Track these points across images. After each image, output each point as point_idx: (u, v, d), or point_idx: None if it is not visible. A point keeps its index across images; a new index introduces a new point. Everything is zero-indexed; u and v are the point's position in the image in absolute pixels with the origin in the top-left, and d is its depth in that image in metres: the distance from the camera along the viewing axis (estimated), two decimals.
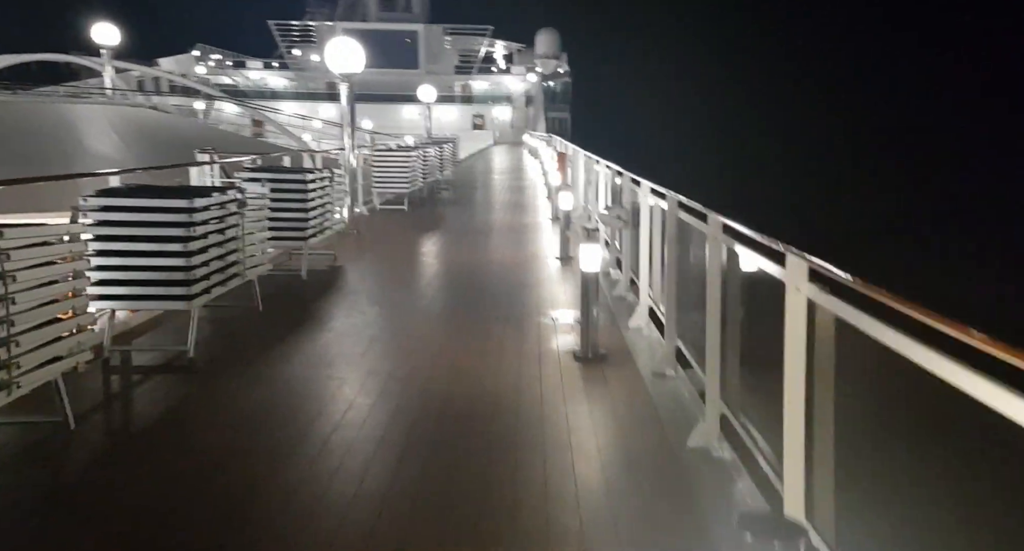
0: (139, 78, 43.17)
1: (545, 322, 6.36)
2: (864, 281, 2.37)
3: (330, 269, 8.41)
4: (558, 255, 9.52)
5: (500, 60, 67.15)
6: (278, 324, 6.09)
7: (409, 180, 14.30)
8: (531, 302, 7.10)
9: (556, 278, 8.30)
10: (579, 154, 14.55)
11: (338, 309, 6.65)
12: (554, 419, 4.25)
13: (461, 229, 12.38)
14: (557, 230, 10.70)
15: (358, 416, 4.20)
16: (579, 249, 5.53)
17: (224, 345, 5.63)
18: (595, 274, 5.48)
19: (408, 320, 6.33)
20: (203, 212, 5.01)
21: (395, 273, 8.54)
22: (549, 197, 15.52)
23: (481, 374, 4.97)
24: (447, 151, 19.72)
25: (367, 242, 10.64)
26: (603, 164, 9.94)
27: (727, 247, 3.87)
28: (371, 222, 12.78)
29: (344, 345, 5.56)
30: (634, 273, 7.43)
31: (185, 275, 4.87)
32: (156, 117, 18.33)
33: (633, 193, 7.28)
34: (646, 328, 6.20)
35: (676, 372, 5.08)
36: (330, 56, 10.79)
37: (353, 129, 11.26)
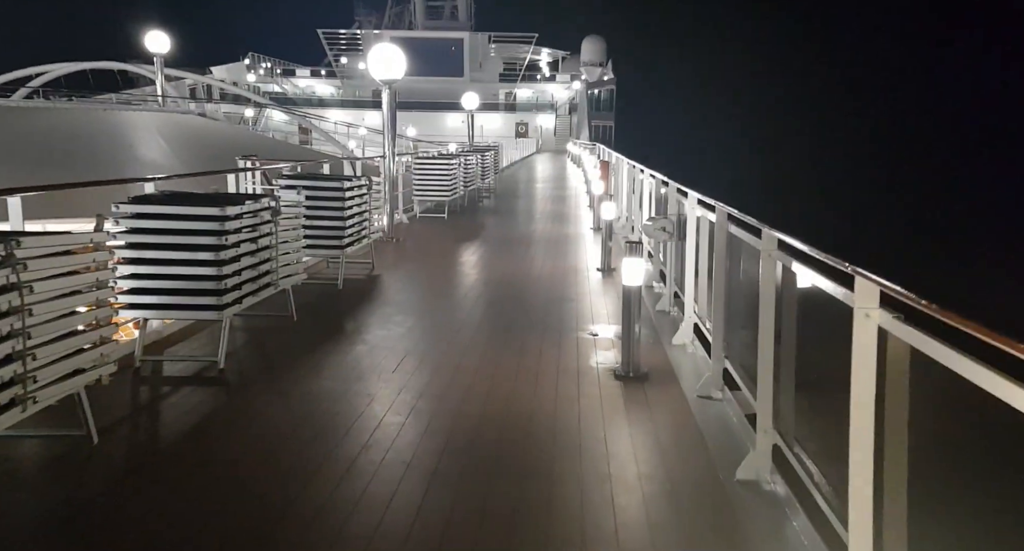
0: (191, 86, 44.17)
1: (585, 337, 6.12)
2: (940, 308, 2.10)
3: (367, 278, 8.29)
4: (599, 266, 9.27)
5: (544, 68, 67.13)
6: (311, 335, 5.96)
7: (450, 188, 14.18)
8: (571, 316, 6.87)
9: (597, 291, 8.05)
10: (622, 162, 14.27)
11: (372, 320, 6.50)
12: (592, 445, 4.01)
13: (501, 239, 12.20)
14: (599, 241, 10.46)
15: (386, 436, 4.02)
16: (621, 262, 5.29)
17: (255, 356, 5.51)
18: (638, 288, 5.24)
19: (443, 333, 6.15)
20: (235, 220, 4.90)
21: (432, 283, 8.38)
22: (591, 206, 15.26)
23: (517, 393, 4.75)
24: (489, 159, 19.60)
25: (406, 251, 10.52)
26: (647, 173, 9.67)
27: (782, 264, 3.59)
28: (411, 230, 12.68)
29: (377, 359, 5.39)
30: (679, 287, 7.15)
31: (216, 284, 4.76)
32: (204, 124, 18.59)
33: (679, 204, 7.00)
34: (691, 345, 5.92)
35: (723, 394, 4.80)
36: (372, 62, 10.73)
37: (394, 136, 11.17)
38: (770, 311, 3.71)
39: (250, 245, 5.14)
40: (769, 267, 3.70)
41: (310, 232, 7.35)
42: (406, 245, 10.94)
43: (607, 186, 15.01)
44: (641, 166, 10.57)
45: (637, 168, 11.20)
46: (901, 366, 2.43)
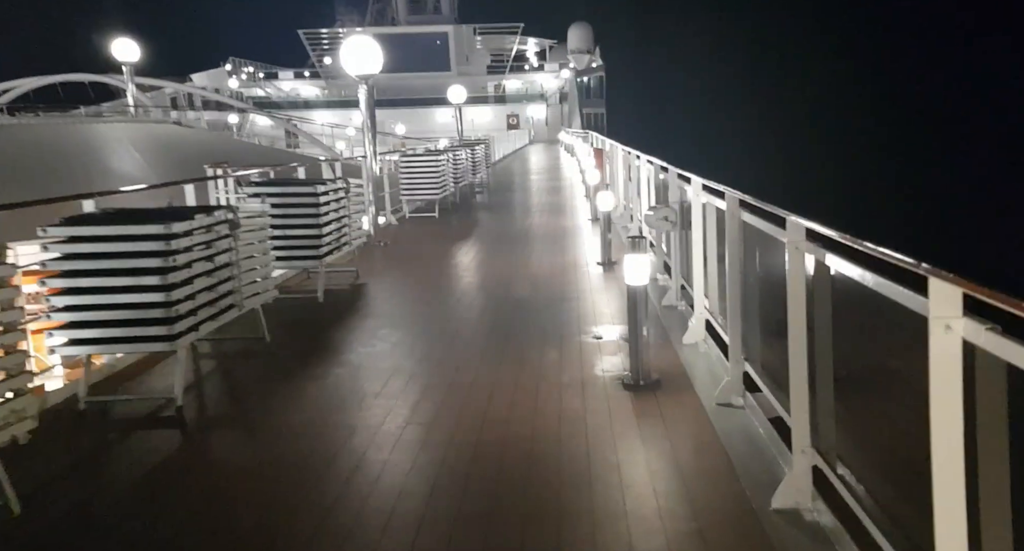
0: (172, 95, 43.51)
1: (588, 342, 5.57)
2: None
3: (351, 288, 7.73)
4: (599, 260, 8.71)
5: (532, 57, 66.37)
6: (285, 359, 5.40)
7: (439, 186, 13.60)
8: (572, 318, 6.31)
9: (599, 287, 7.49)
10: (617, 149, 13.69)
11: (356, 336, 5.94)
12: (604, 474, 3.47)
13: (495, 236, 11.64)
14: (597, 232, 9.90)
15: (366, 480, 3.47)
16: (623, 258, 4.73)
17: (220, 388, 4.95)
18: (643, 288, 4.68)
19: (433, 347, 5.59)
20: (184, 237, 4.34)
21: (422, 289, 7.82)
22: (587, 196, 14.69)
23: (516, 415, 4.20)
24: (480, 153, 19.00)
25: (394, 255, 9.96)
26: (644, 159, 9.10)
27: (815, 257, 3.03)
28: (399, 232, 12.11)
29: (359, 382, 4.84)
30: (685, 280, 6.59)
31: (165, 311, 4.20)
32: (180, 133, 18.01)
33: (681, 191, 6.44)
34: (703, 344, 5.37)
35: (744, 401, 4.26)
36: (346, 57, 10.14)
37: (375, 134, 10.59)
38: (800, 312, 3.15)
39: (205, 264, 4.58)
40: (797, 261, 3.14)
41: (283, 243, 6.80)
42: (394, 249, 10.38)
43: (602, 175, 14.44)
44: (637, 152, 10.00)
45: (633, 155, 10.63)
46: (995, 387, 1.88)
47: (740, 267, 4.29)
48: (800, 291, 3.17)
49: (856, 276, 2.71)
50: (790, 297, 3.21)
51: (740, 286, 4.29)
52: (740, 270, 4.29)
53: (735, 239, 4.24)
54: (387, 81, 61.94)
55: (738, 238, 4.23)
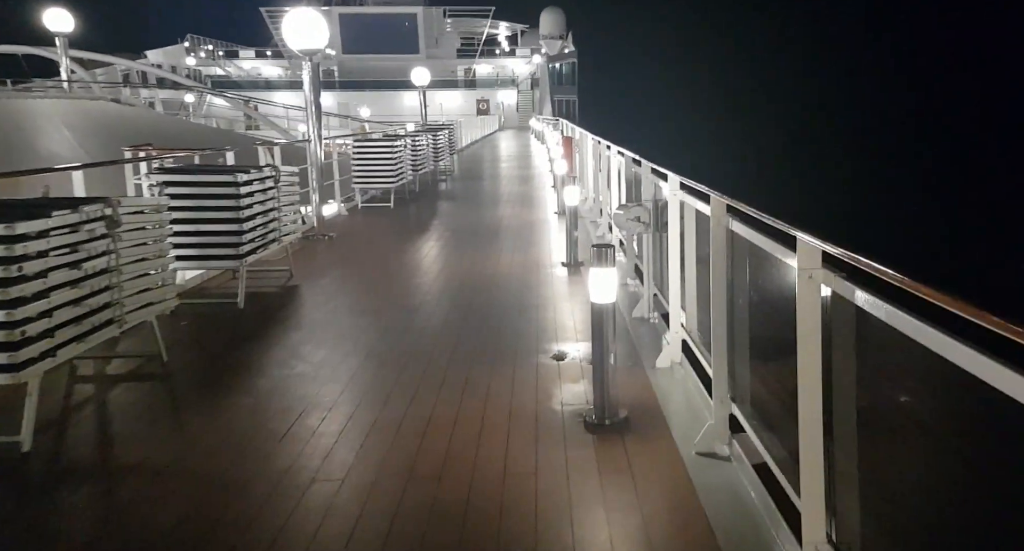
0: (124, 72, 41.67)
1: (547, 364, 4.76)
2: None
3: (281, 291, 6.82)
4: (565, 260, 7.90)
5: (503, 42, 65.20)
6: (180, 384, 4.51)
7: (394, 174, 12.66)
8: (531, 331, 5.49)
9: (562, 293, 6.67)
10: (587, 138, 12.88)
11: (273, 355, 5.05)
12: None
13: (453, 230, 10.75)
14: (563, 227, 9.09)
15: None
16: (589, 268, 3.92)
17: (87, 427, 4.00)
18: (610, 306, 3.87)
19: (363, 370, 4.73)
20: (35, 241, 3.42)
21: (361, 294, 6.92)
22: (554, 186, 13.85)
23: (451, 470, 3.37)
24: (443, 139, 18.04)
25: (338, 251, 9.03)
26: (615, 150, 8.29)
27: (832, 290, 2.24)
28: (349, 224, 11.17)
29: (264, 418, 3.97)
30: (659, 290, 5.81)
31: (6, 335, 3.29)
32: (118, 111, 16.76)
33: (656, 187, 5.64)
34: (680, 368, 4.59)
35: (731, 449, 3.48)
36: (288, 31, 9.15)
37: (319, 115, 9.63)
38: (814, 358, 2.36)
39: (69, 272, 3.67)
40: (811, 292, 2.34)
41: (197, 240, 5.88)
42: (340, 243, 9.45)
43: (571, 165, 13.61)
44: (607, 142, 9.19)
45: (603, 145, 9.82)
46: None
47: (726, 285, 3.49)
48: (813, 331, 2.38)
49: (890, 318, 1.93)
50: (801, 338, 2.42)
51: (726, 308, 3.50)
52: (726, 289, 3.50)
53: (721, 252, 3.44)
54: (354, 62, 60.55)
55: (724, 251, 3.43)
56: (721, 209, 3.38)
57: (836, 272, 2.13)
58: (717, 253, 3.40)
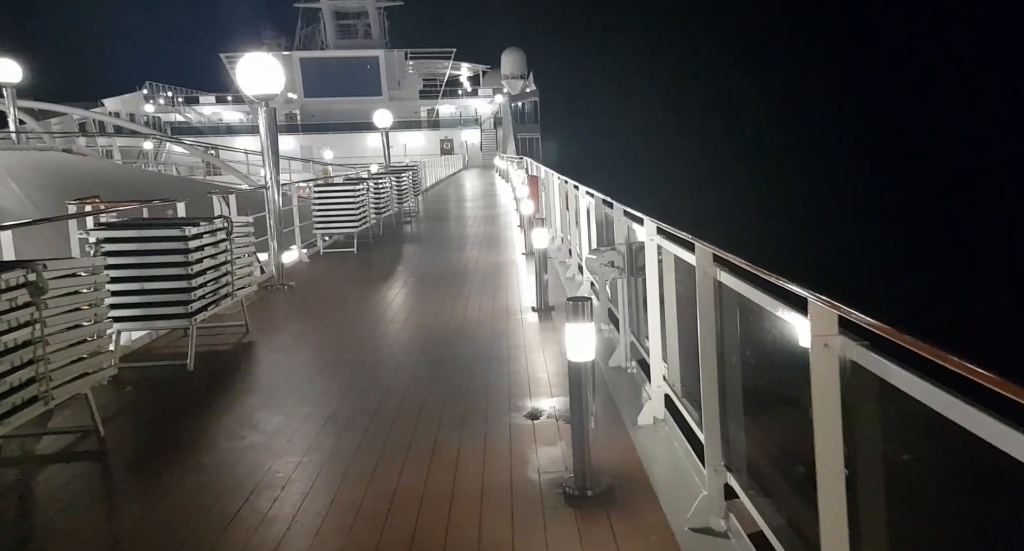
0: (81, 121, 41.01)
1: (520, 424, 4.42)
2: None
3: (235, 349, 6.41)
4: (535, 305, 7.61)
5: (466, 82, 65.74)
6: (117, 462, 4.08)
7: (357, 218, 12.33)
8: (502, 386, 5.16)
9: (534, 342, 6.36)
10: (553, 177, 12.71)
11: (224, 423, 4.65)
12: None
13: (418, 275, 10.43)
14: (532, 268, 8.83)
15: None
16: (565, 330, 3.62)
17: (7, 517, 3.58)
18: (588, 363, 3.57)
19: (321, 438, 4.35)
20: None
21: (322, 348, 6.52)
22: (521, 226, 13.63)
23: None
24: (406, 180, 17.79)
25: (298, 301, 8.64)
26: (584, 190, 8.07)
27: (850, 360, 1.96)
28: (310, 272, 10.78)
29: (204, 505, 3.56)
30: (636, 336, 5.53)
31: None
32: (69, 162, 16.24)
33: (629, 230, 5.40)
34: (664, 426, 4.29)
35: (727, 523, 3.17)
36: (242, 76, 8.87)
37: (276, 161, 9.31)
38: (833, 439, 2.07)
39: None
40: (827, 363, 2.06)
41: (141, 298, 5.49)
42: (300, 293, 9.06)
43: (538, 204, 13.43)
44: (574, 182, 9.00)
45: (570, 184, 9.63)
46: None
47: (715, 342, 3.21)
48: (832, 402, 2.09)
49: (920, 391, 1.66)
50: (818, 411, 2.13)
51: (716, 367, 3.21)
52: (715, 345, 3.22)
53: (709, 305, 3.17)
54: (316, 106, 60.48)
55: (712, 304, 3.16)
56: (707, 259, 3.11)
57: (856, 340, 1.85)
58: (704, 307, 3.12)
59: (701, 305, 3.15)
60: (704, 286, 3.13)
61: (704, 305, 3.15)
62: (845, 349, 1.93)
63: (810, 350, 2.02)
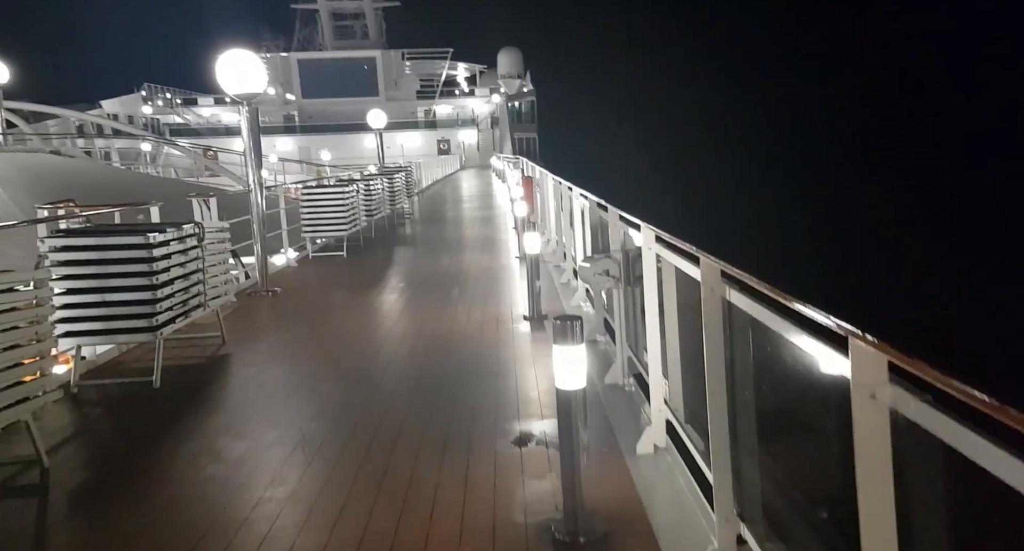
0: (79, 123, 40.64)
1: (506, 452, 4.03)
2: None
3: (208, 363, 6.01)
4: (527, 313, 7.22)
5: (463, 82, 65.28)
6: (51, 508, 3.67)
7: (347, 221, 11.93)
8: (488, 406, 4.77)
9: (525, 355, 5.96)
10: (547, 178, 12.32)
11: (183, 450, 4.25)
12: None
13: (408, 280, 10.04)
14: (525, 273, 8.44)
15: None
16: (553, 353, 3.23)
17: None
18: (580, 391, 3.17)
19: (286, 470, 3.95)
20: None
21: (301, 362, 6.12)
22: (516, 228, 13.24)
23: None
24: (399, 181, 17.40)
25: (282, 309, 8.25)
26: (577, 192, 7.68)
27: (900, 411, 1.57)
28: (298, 276, 10.39)
29: (157, 546, 3.17)
30: (633, 350, 5.14)
31: None
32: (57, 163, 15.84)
33: (626, 236, 5.01)
34: (666, 456, 3.89)
35: None
36: (222, 74, 8.47)
37: (259, 162, 8.91)
38: (883, 499, 1.68)
39: None
40: (874, 415, 1.66)
41: (103, 311, 5.09)
42: (285, 299, 8.67)
43: (532, 206, 13.03)
44: (569, 183, 8.61)
45: (564, 185, 9.24)
46: None
47: (725, 370, 2.82)
48: (882, 463, 1.69)
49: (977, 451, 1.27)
50: (863, 472, 1.73)
51: (725, 398, 2.82)
52: (725, 374, 2.82)
53: (716, 329, 2.77)
54: (314, 107, 60.04)
55: (720, 327, 2.76)
56: (714, 275, 2.72)
57: (913, 391, 1.45)
58: (711, 330, 2.73)
59: (708, 328, 2.76)
60: (711, 306, 2.74)
61: (711, 328, 2.76)
62: (898, 401, 1.53)
63: (852, 400, 1.63)
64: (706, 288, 2.75)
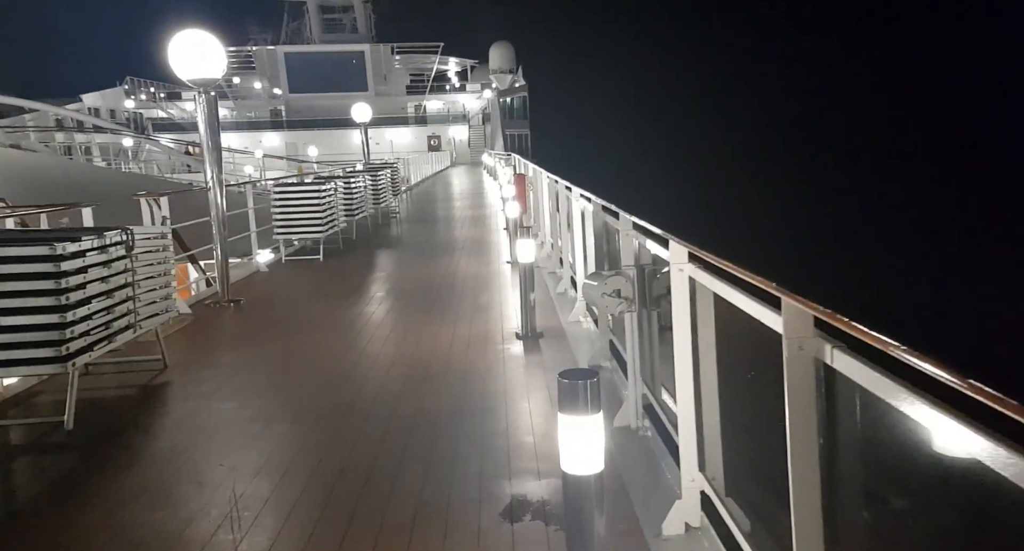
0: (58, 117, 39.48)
1: (494, 528, 3.12)
2: None
3: (140, 395, 5.06)
4: (519, 331, 6.32)
5: (453, 77, 64.24)
6: None
7: (323, 222, 10.98)
8: (471, 459, 3.86)
9: (518, 385, 5.05)
10: (541, 176, 11.40)
11: (77, 528, 3.31)
12: None
13: (387, 289, 9.11)
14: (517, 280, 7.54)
15: None
16: (558, 426, 2.32)
17: None
18: (596, 478, 2.26)
19: (217, 542, 3.03)
20: None
21: (252, 395, 5.15)
22: (507, 228, 12.32)
23: None
24: (384, 179, 16.43)
25: (241, 324, 7.30)
26: (577, 193, 6.76)
27: None
28: (265, 284, 9.44)
29: None
30: (648, 387, 4.23)
31: None
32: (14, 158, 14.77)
33: (639, 248, 4.11)
34: (700, 539, 2.99)
35: None
36: (175, 57, 7.51)
37: (219, 157, 7.96)
38: None
39: None
40: None
41: None
42: (247, 312, 7.73)
43: (524, 206, 12.12)
44: (566, 183, 7.69)
45: (562, 184, 8.32)
46: None
47: (818, 458, 1.90)
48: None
49: None
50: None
51: (818, 500, 1.91)
52: (818, 462, 1.91)
53: (806, 401, 1.86)
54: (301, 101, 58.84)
55: (811, 400, 1.85)
56: (803, 324, 1.81)
57: None
58: (799, 403, 1.82)
59: (792, 399, 1.85)
60: (799, 369, 1.83)
61: (798, 400, 1.84)
62: None
63: None
64: (792, 345, 1.83)
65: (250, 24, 63.12)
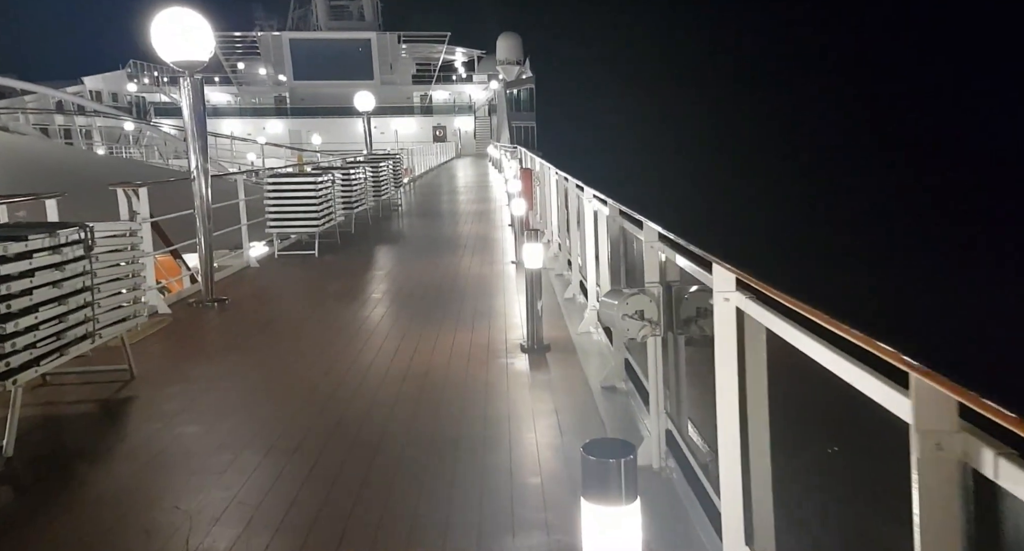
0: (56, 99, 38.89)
1: None
2: None
3: (98, 414, 4.52)
4: (524, 343, 5.77)
5: (460, 68, 63.53)
6: None
7: (319, 215, 10.42)
8: (470, 505, 3.31)
9: (522, 409, 4.49)
10: (549, 171, 10.82)
11: None
12: None
13: (382, 290, 8.56)
14: (522, 283, 7.00)
15: None
16: (582, 518, 1.78)
17: None
18: None
19: None
20: None
21: (222, 414, 4.58)
22: (512, 225, 11.75)
23: None
24: (386, 170, 15.86)
25: (222, 328, 6.76)
26: (590, 194, 6.18)
27: None
28: (254, 282, 8.89)
29: None
30: (673, 421, 3.68)
31: None
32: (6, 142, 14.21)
33: (665, 263, 3.55)
34: None
35: None
36: (158, 36, 6.95)
37: (204, 145, 7.40)
38: None
39: None
40: None
41: None
42: (231, 313, 7.19)
43: (531, 203, 11.55)
44: (577, 181, 7.12)
45: (572, 183, 7.75)
46: None
47: None
48: None
49: None
50: None
51: None
52: None
53: (939, 503, 1.30)
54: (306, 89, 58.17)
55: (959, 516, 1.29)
56: (943, 412, 1.25)
57: None
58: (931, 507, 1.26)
59: (925, 516, 1.29)
60: (936, 476, 1.27)
61: (934, 518, 1.28)
62: None
63: None
64: (922, 440, 1.27)
65: (256, 10, 62.50)
